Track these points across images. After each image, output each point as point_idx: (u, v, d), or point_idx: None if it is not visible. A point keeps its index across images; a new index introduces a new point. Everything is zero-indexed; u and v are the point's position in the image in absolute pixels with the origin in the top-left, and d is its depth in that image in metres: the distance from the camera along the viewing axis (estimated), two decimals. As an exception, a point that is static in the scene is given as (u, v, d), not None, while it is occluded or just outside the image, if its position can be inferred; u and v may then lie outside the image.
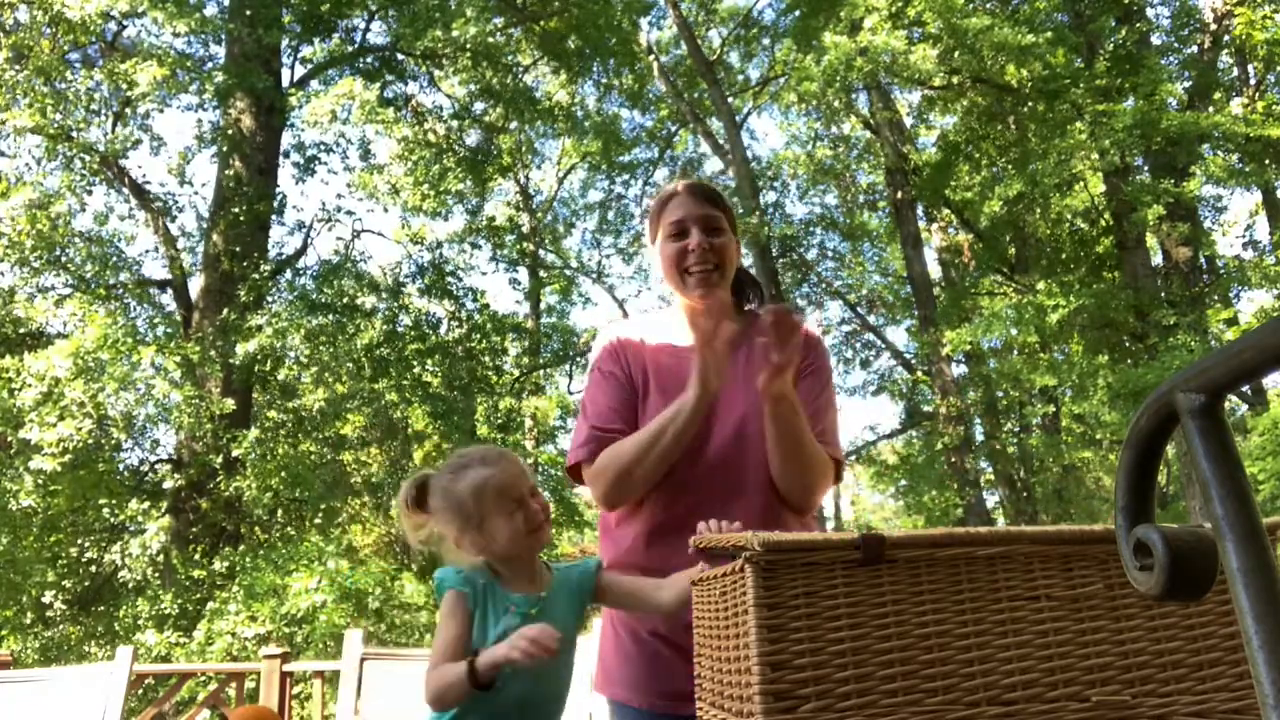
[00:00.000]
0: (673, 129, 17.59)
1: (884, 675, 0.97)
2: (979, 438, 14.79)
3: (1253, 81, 13.47)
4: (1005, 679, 0.99)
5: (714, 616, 1.18)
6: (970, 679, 0.99)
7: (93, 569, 10.92)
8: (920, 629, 0.99)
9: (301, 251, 12.30)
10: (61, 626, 10.39)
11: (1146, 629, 1.04)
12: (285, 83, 11.94)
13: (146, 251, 12.92)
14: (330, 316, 10.94)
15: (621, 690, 1.77)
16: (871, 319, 19.04)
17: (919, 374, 15.72)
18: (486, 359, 13.53)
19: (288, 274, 11.85)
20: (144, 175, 14.65)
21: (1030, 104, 12.45)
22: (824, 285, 18.75)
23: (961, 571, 1.02)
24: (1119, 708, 1.01)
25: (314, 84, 11.94)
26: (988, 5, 12.81)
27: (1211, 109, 11.99)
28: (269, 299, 11.06)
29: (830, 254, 18.66)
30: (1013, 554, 1.03)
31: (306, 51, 12.34)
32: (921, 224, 15.45)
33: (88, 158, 10.46)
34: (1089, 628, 1.03)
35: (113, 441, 9.95)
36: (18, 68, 9.91)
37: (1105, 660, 1.02)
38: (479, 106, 13.91)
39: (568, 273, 18.72)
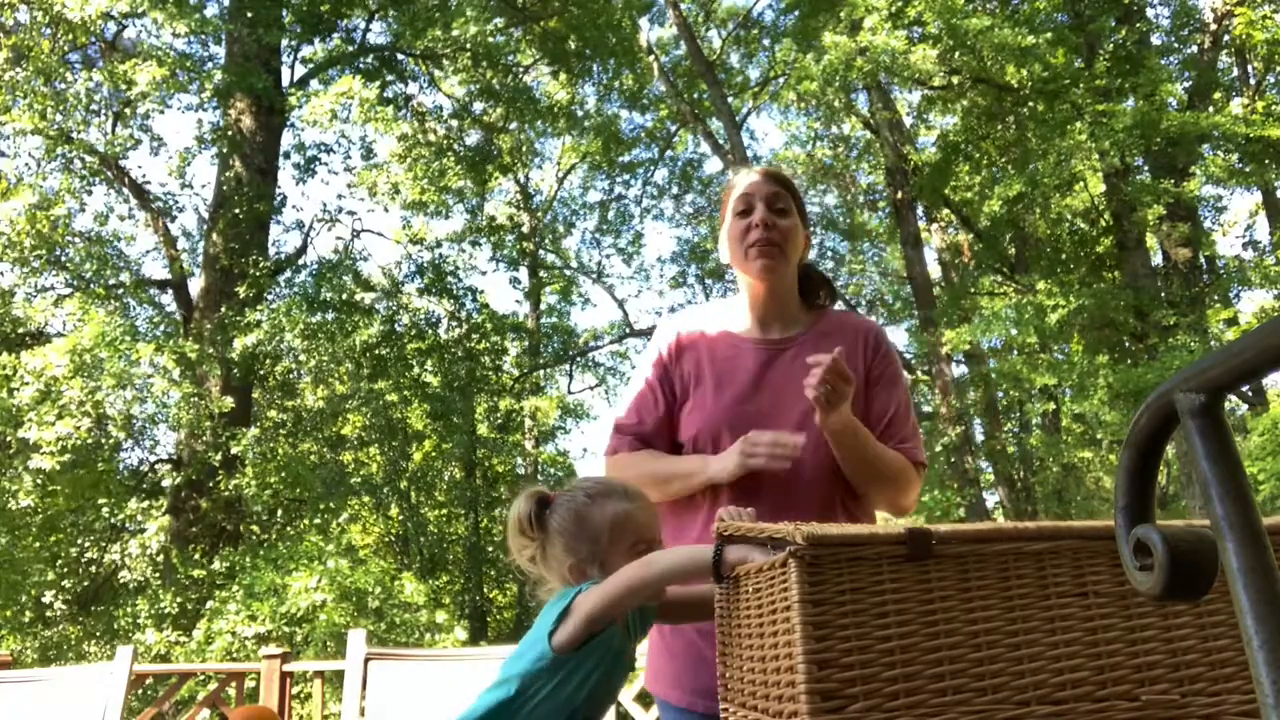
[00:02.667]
0: (673, 129, 17.58)
1: (932, 674, 0.95)
2: (979, 438, 14.79)
3: (1253, 81, 13.47)
4: (1054, 677, 0.97)
5: (746, 614, 1.15)
6: (1019, 677, 0.97)
7: (92, 569, 10.92)
8: (968, 626, 0.97)
9: (301, 251, 12.30)
10: (61, 626, 10.39)
11: (1195, 627, 1.03)
12: (285, 83, 11.93)
13: (147, 252, 12.91)
14: (329, 314, 10.94)
15: (662, 686, 1.77)
16: (872, 319, 18.99)
17: (919, 374, 15.72)
18: (486, 359, 13.53)
19: (287, 273, 11.86)
20: (144, 175, 14.65)
21: (1030, 104, 12.44)
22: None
23: (1010, 567, 1.00)
24: (1168, 707, 0.99)
25: (314, 84, 11.94)
26: (988, 6, 12.81)
27: (1211, 109, 11.99)
28: (268, 297, 11.07)
29: (830, 254, 18.67)
30: (1061, 549, 1.01)
31: (306, 51, 12.34)
32: (921, 224, 15.45)
33: (88, 158, 10.46)
34: (1138, 625, 1.01)
35: (112, 441, 9.94)
36: (18, 69, 9.90)
37: (1154, 659, 1.00)
38: (479, 107, 13.91)
39: (568, 273, 18.72)
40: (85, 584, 10.78)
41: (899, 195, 14.27)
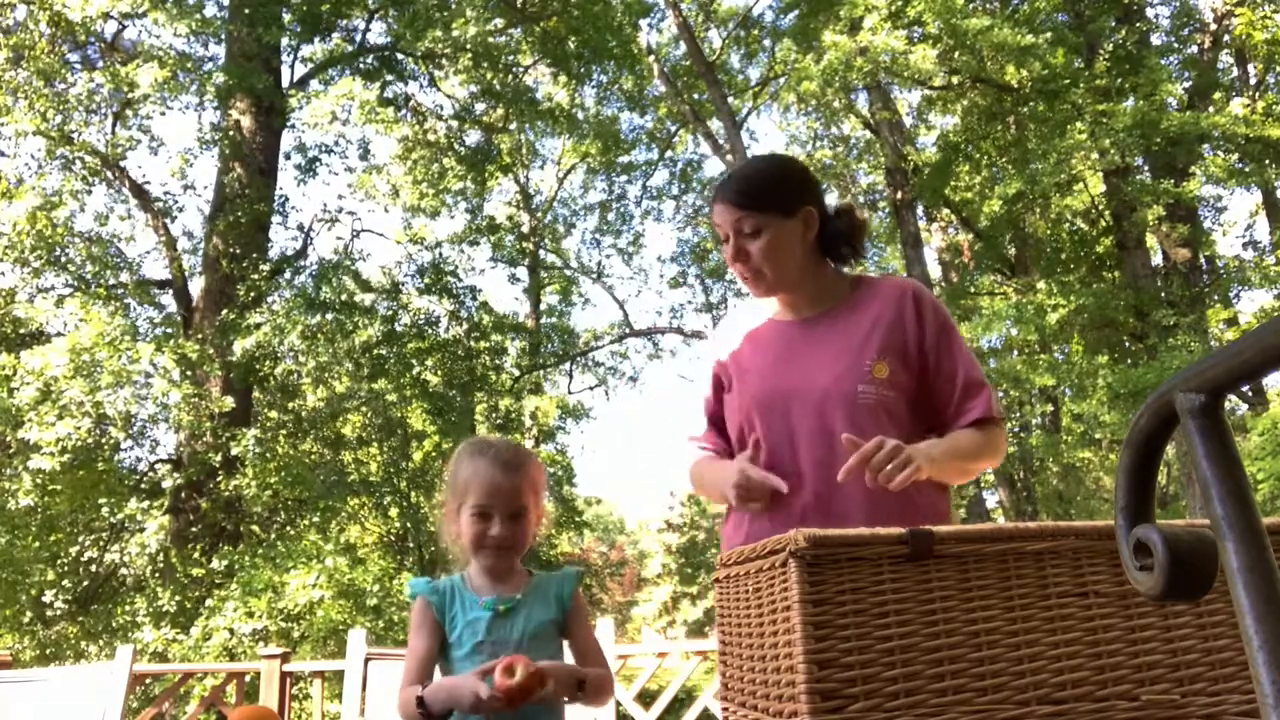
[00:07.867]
0: (672, 130, 17.58)
1: (933, 674, 0.96)
2: (979, 438, 14.71)
3: (1253, 81, 13.47)
4: (1055, 677, 0.98)
5: (746, 613, 1.15)
6: (1020, 677, 0.97)
7: (92, 568, 10.91)
8: (968, 626, 0.98)
9: (301, 252, 12.29)
10: (61, 625, 10.39)
11: (1195, 626, 1.03)
12: (285, 83, 11.93)
13: (148, 252, 12.91)
14: (329, 315, 10.93)
15: None
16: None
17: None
18: (486, 358, 13.53)
19: (287, 274, 11.85)
20: (144, 176, 14.65)
21: (1030, 104, 12.43)
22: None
23: (1010, 567, 1.00)
24: (1168, 707, 0.99)
25: (314, 84, 11.93)
26: (988, 5, 12.80)
27: (1211, 109, 11.98)
28: (268, 298, 11.06)
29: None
30: (1061, 549, 1.02)
31: (306, 51, 12.34)
32: (921, 224, 15.44)
33: (88, 159, 10.45)
34: (1138, 625, 1.01)
35: (112, 441, 9.94)
36: (18, 69, 9.89)
37: (1154, 659, 1.01)
38: (479, 107, 13.90)
39: (568, 273, 18.72)
40: (85, 583, 10.77)
41: (899, 195, 14.26)
